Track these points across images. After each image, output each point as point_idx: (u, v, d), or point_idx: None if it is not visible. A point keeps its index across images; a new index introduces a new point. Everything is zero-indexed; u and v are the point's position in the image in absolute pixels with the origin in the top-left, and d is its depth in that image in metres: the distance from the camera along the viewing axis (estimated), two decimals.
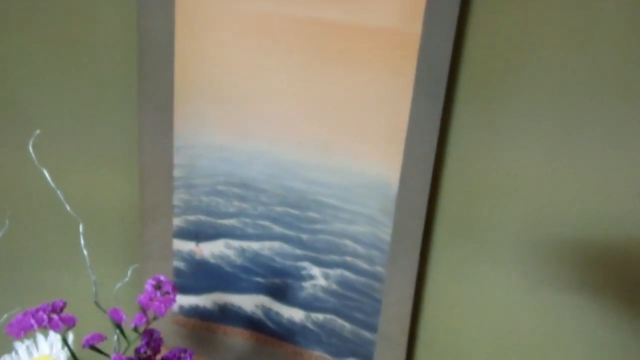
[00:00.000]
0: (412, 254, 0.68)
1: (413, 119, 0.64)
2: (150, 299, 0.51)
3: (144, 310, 0.51)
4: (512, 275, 0.67)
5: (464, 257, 0.70)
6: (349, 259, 0.74)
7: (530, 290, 0.67)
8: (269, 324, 0.82)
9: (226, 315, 0.84)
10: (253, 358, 0.85)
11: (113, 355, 0.48)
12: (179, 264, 0.83)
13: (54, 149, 0.72)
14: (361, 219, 0.71)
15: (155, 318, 0.52)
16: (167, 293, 0.52)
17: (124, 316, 0.52)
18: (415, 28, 0.61)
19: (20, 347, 0.52)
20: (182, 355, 0.55)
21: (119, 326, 0.52)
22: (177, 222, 0.81)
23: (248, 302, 0.82)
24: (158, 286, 0.52)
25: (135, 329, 0.52)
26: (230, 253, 0.80)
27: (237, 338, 0.85)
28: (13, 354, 0.52)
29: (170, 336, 0.86)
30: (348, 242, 0.73)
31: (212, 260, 0.82)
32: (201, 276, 0.83)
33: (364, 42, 0.63)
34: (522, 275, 0.67)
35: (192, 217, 0.80)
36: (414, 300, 0.71)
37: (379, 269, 0.72)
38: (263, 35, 0.68)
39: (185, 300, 0.85)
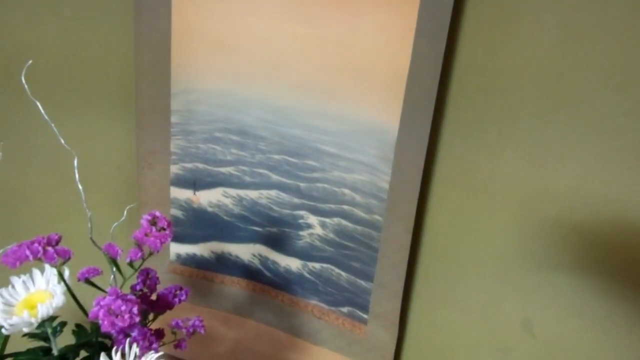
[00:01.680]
0: (410, 201, 0.68)
1: (414, 63, 0.63)
2: (146, 235, 0.50)
3: (139, 245, 0.51)
4: (507, 225, 0.67)
5: (461, 206, 0.69)
6: (346, 207, 0.73)
7: (524, 240, 0.67)
8: (266, 273, 0.82)
9: (223, 264, 0.84)
10: (250, 307, 0.85)
11: (109, 289, 0.48)
12: (176, 212, 0.83)
13: (48, 86, 0.71)
14: (360, 167, 0.70)
15: (151, 254, 0.52)
16: (163, 229, 0.52)
17: (120, 251, 0.52)
18: None
19: (17, 281, 0.52)
20: (178, 292, 0.56)
21: (114, 261, 0.52)
22: (174, 169, 0.80)
23: (245, 251, 0.82)
24: (153, 222, 0.52)
25: (131, 264, 0.51)
26: (227, 202, 0.80)
27: (234, 287, 0.85)
28: (10, 287, 0.52)
29: (167, 284, 0.86)
30: (346, 191, 0.73)
31: (209, 209, 0.81)
32: (198, 225, 0.83)
33: None
34: (517, 225, 0.67)
35: (189, 165, 0.80)
36: (410, 249, 0.71)
37: (376, 217, 0.71)
38: None
39: (182, 248, 0.85)
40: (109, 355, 0.46)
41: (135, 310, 0.46)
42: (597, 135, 0.60)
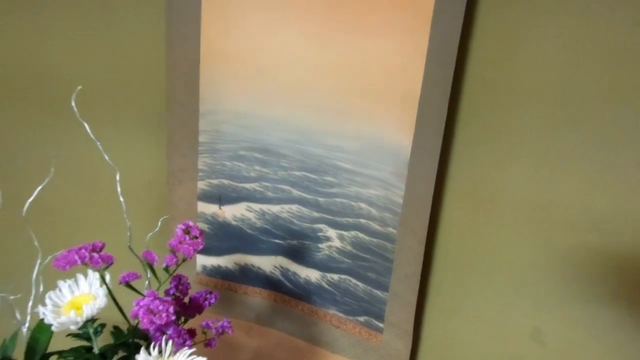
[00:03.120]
0: (422, 214, 0.72)
1: (425, 85, 0.68)
2: (180, 242, 0.56)
3: (173, 252, 0.56)
4: (515, 236, 0.71)
5: (472, 219, 0.73)
6: (363, 221, 0.78)
7: (532, 251, 0.71)
8: (287, 283, 0.87)
9: (246, 275, 0.89)
10: (271, 316, 0.90)
11: (147, 291, 0.52)
12: (202, 225, 0.88)
13: (89, 109, 0.77)
14: (375, 182, 0.75)
15: (184, 260, 0.57)
16: (195, 237, 0.57)
17: (156, 257, 0.57)
18: None
19: (63, 285, 0.57)
20: (208, 296, 0.60)
21: (151, 266, 0.57)
22: (201, 185, 0.85)
23: (267, 263, 0.87)
24: (187, 231, 0.57)
25: (166, 269, 0.56)
26: (251, 216, 0.85)
27: (256, 297, 0.89)
28: (57, 290, 0.57)
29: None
30: (363, 205, 0.77)
31: (233, 223, 0.86)
32: (223, 238, 0.88)
33: (379, 11, 0.67)
34: (524, 236, 0.71)
35: (215, 181, 0.85)
36: (423, 260, 0.75)
37: (391, 230, 0.76)
38: (284, 7, 0.72)
39: (208, 260, 0.90)
40: (148, 351, 0.51)
41: (171, 309, 0.51)
42: (597, 149, 0.64)
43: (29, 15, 0.85)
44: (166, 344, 0.51)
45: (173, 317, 0.51)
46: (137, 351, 0.54)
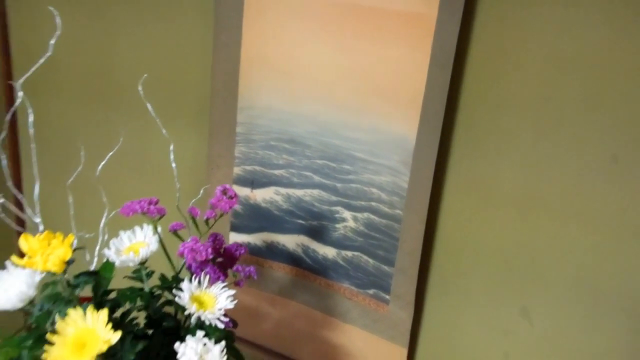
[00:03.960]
0: (424, 196, 0.84)
1: (429, 86, 0.80)
2: (218, 201, 0.69)
3: (213, 208, 0.69)
4: (506, 221, 0.82)
5: (469, 206, 0.85)
6: (374, 204, 0.90)
7: (521, 235, 0.82)
8: (307, 260, 0.99)
9: (272, 251, 1.01)
10: (292, 289, 1.02)
11: (191, 237, 0.66)
12: (236, 206, 1.01)
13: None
14: (385, 170, 0.87)
15: (221, 215, 0.70)
16: (231, 197, 0.70)
17: (198, 212, 0.70)
18: (432, 12, 0.77)
19: (124, 234, 0.71)
20: (239, 248, 0.73)
21: (194, 219, 0.70)
22: (237, 170, 0.99)
23: (290, 241, 0.99)
24: (224, 192, 0.70)
25: (206, 222, 0.70)
26: (278, 199, 0.98)
27: (280, 272, 1.02)
28: (119, 238, 0.71)
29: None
30: (374, 190, 0.89)
31: (263, 205, 0.99)
32: (253, 218, 1.01)
33: (391, 23, 0.80)
34: (514, 221, 0.82)
35: (249, 167, 0.98)
36: (424, 238, 0.86)
37: (397, 212, 0.88)
38: (312, 19, 0.86)
39: (239, 237, 1.03)
40: (190, 282, 0.64)
41: (209, 250, 0.64)
42: (577, 148, 0.75)
43: (101, 24, 1.01)
44: (204, 277, 0.64)
45: (211, 256, 0.64)
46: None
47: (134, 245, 0.70)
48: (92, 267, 0.73)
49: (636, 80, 0.70)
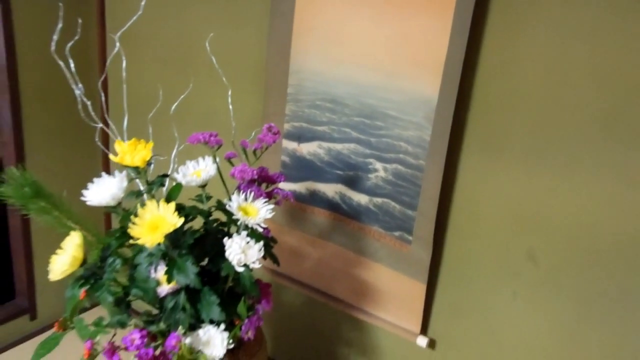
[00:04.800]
0: (442, 148, 0.97)
1: (449, 53, 0.93)
2: (265, 135, 0.85)
3: (260, 142, 0.85)
4: (519, 171, 0.94)
5: (481, 166, 0.97)
6: (402, 156, 1.04)
7: (531, 180, 0.93)
8: (343, 206, 1.14)
9: (314, 198, 1.17)
10: (330, 232, 1.17)
11: (242, 163, 0.82)
12: (285, 158, 1.18)
13: (213, 69, 1.09)
14: (412, 125, 1.01)
15: (267, 147, 0.86)
16: (275, 133, 0.86)
17: (248, 144, 0.86)
18: None
19: (189, 163, 0.89)
20: (279, 175, 0.89)
21: (244, 150, 0.87)
22: (287, 126, 1.15)
23: (330, 189, 1.15)
24: (270, 129, 0.86)
25: (254, 152, 0.86)
26: (320, 152, 1.14)
27: (320, 216, 1.18)
28: (185, 166, 0.88)
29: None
30: (402, 144, 1.03)
31: (307, 157, 1.15)
32: (299, 168, 1.17)
33: (420, 0, 0.94)
34: (526, 170, 0.93)
35: (296, 124, 1.14)
36: (442, 185, 0.99)
37: (421, 162, 1.01)
38: None
39: (286, 186, 1.19)
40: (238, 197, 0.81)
41: (255, 172, 0.80)
42: (569, 152, 0.86)
43: (181, 13, 1.20)
44: (250, 194, 0.81)
45: (255, 176, 0.80)
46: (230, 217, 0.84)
47: (197, 171, 0.87)
48: (164, 189, 0.91)
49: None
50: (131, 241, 0.71)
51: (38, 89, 1.36)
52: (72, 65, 0.89)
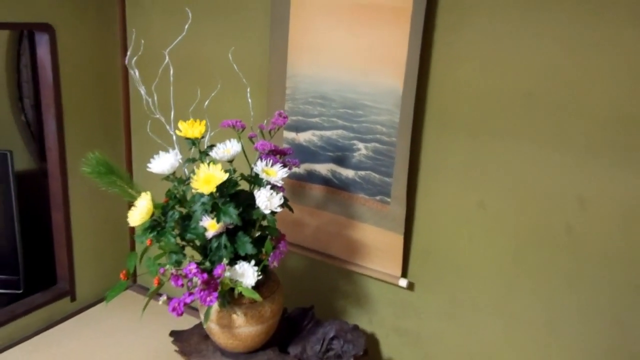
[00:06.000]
0: (408, 125, 1.28)
1: (409, 54, 1.25)
2: (276, 119, 1.15)
3: (274, 124, 1.15)
4: (467, 139, 1.25)
5: (437, 136, 1.28)
6: (378, 136, 1.34)
7: (476, 144, 1.25)
8: (334, 180, 1.44)
9: (310, 176, 1.47)
10: (325, 203, 1.47)
11: (261, 140, 1.12)
12: (286, 146, 1.48)
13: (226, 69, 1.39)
14: (384, 111, 1.32)
15: (278, 128, 1.16)
16: (285, 117, 1.16)
17: (264, 126, 1.16)
18: (408, 5, 1.22)
19: (220, 144, 1.18)
20: (289, 149, 1.19)
21: (261, 131, 1.17)
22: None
23: (323, 168, 1.45)
24: (280, 114, 1.17)
25: (270, 132, 1.16)
26: (314, 139, 1.44)
27: (316, 191, 1.47)
28: (217, 146, 1.18)
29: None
30: (378, 126, 1.34)
31: (304, 144, 1.45)
32: (298, 153, 1.46)
33: (383, 14, 1.26)
34: (471, 139, 1.25)
35: (294, 118, 1.45)
36: (410, 155, 1.30)
37: (393, 139, 1.32)
38: (331, 14, 1.32)
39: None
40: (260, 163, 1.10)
41: (272, 146, 1.10)
42: (501, 123, 1.18)
43: (195, 27, 1.50)
44: (269, 160, 1.10)
45: (273, 148, 1.10)
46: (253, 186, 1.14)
47: (227, 150, 1.17)
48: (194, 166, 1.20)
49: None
50: (193, 190, 1.01)
51: (75, 105, 1.64)
52: (137, 73, 1.19)
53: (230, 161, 1.16)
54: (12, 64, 1.93)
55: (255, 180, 1.12)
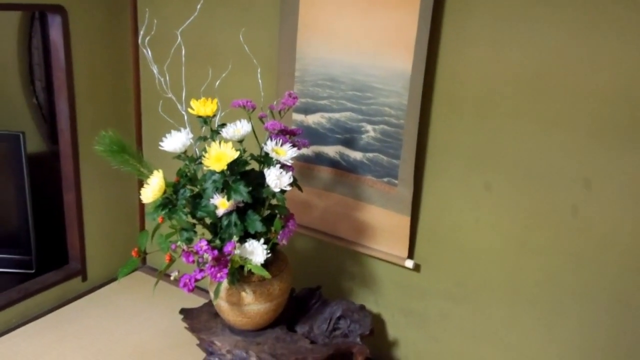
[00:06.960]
0: (416, 108, 1.29)
1: (417, 36, 1.26)
2: (286, 99, 1.16)
3: (284, 104, 1.17)
4: (474, 122, 1.26)
5: (446, 118, 1.30)
6: (386, 118, 1.36)
7: (486, 126, 1.26)
8: (342, 162, 1.45)
9: (319, 158, 1.48)
10: (333, 185, 1.49)
11: (270, 120, 1.14)
12: (295, 128, 1.49)
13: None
14: (393, 94, 1.33)
15: (288, 109, 1.18)
16: (294, 97, 1.18)
17: (274, 107, 1.18)
18: None
19: (230, 124, 1.20)
20: (298, 129, 1.21)
21: (271, 111, 1.18)
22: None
23: (331, 150, 1.46)
24: (290, 95, 1.18)
25: (279, 112, 1.18)
26: (323, 121, 1.45)
27: (324, 173, 1.49)
28: (228, 126, 1.19)
29: None
30: (386, 109, 1.35)
31: (313, 126, 1.47)
32: (307, 136, 1.48)
33: None
34: (478, 120, 1.26)
35: (303, 100, 1.46)
36: (418, 137, 1.31)
37: (401, 121, 1.33)
38: (343, 1, 1.33)
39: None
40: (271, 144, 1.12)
41: (282, 126, 1.11)
42: (504, 106, 1.18)
43: (207, 7, 1.52)
44: (279, 140, 1.12)
45: (283, 128, 1.12)
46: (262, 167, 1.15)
47: (237, 129, 1.18)
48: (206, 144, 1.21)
49: None
50: (204, 168, 1.02)
51: (86, 86, 1.66)
52: (149, 53, 1.21)
53: (241, 141, 1.18)
54: (23, 46, 1.95)
55: (265, 160, 1.13)
